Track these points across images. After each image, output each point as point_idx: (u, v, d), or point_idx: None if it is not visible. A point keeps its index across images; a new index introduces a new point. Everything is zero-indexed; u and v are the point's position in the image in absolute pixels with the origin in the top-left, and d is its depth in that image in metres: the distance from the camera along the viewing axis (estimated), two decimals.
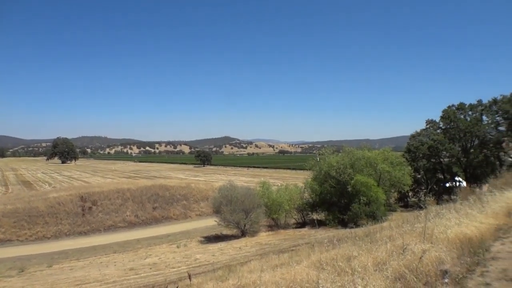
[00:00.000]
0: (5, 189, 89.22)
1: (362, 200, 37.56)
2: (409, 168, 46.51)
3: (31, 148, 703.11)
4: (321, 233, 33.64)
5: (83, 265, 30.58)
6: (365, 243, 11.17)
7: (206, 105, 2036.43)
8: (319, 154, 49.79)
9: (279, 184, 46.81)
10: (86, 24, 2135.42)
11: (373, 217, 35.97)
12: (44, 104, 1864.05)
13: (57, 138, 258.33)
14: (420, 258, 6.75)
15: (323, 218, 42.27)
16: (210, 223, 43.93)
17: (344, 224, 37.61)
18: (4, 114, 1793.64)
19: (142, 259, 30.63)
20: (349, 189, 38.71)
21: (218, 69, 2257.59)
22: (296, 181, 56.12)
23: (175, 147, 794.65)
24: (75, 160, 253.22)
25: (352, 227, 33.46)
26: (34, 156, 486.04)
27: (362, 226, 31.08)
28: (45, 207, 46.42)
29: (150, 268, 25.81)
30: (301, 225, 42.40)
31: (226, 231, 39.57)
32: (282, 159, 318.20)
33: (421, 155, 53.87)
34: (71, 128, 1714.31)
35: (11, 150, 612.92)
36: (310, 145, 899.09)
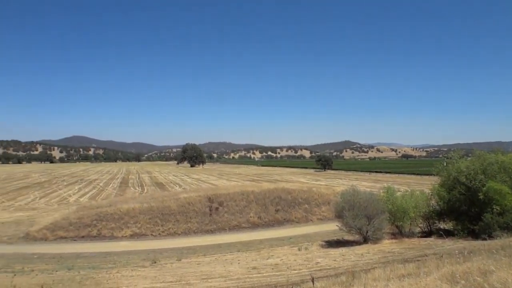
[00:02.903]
0: (141, 189, 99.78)
1: (495, 210, 34.30)
2: None
3: (163, 153, 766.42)
4: (449, 244, 31.61)
5: (209, 260, 32.22)
6: (503, 256, 10.40)
7: (326, 109, 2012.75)
8: (446, 158, 46.69)
9: (403, 190, 44.76)
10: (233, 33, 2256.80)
11: (509, 229, 32.66)
12: (175, 113, 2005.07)
13: (186, 144, 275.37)
14: None
15: (451, 227, 39.45)
16: (331, 228, 43.55)
17: (474, 235, 34.66)
18: (140, 124, 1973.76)
19: (264, 259, 31.34)
20: (481, 197, 35.59)
21: (338, 72, 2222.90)
22: (421, 187, 53.16)
23: (295, 152, 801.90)
24: (203, 164, 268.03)
25: (485, 239, 30.85)
26: (166, 160, 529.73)
27: (496, 238, 28.60)
28: (176, 207, 49.97)
29: (272, 269, 26.34)
30: (426, 234, 40.04)
31: (347, 237, 38.86)
32: (405, 164, 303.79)
33: None
34: (199, 134, 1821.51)
35: (146, 155, 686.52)
36: (435, 148, 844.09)
